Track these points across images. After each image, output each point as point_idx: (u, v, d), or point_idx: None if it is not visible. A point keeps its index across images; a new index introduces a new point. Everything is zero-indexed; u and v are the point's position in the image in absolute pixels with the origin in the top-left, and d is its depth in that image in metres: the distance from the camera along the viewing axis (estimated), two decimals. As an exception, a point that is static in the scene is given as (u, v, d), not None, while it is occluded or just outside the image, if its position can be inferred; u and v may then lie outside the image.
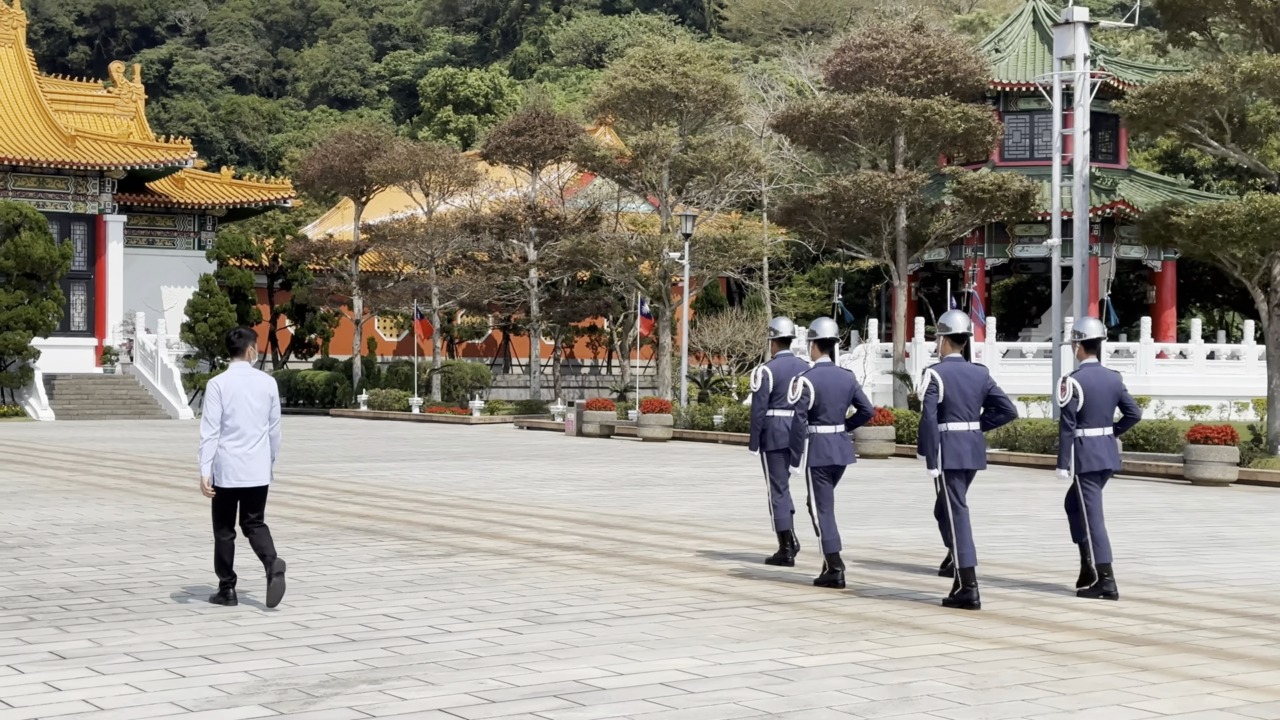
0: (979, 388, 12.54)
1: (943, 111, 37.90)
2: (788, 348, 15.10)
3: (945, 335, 12.74)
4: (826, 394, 13.35)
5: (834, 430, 13.39)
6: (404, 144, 57.36)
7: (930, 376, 12.48)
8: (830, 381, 13.43)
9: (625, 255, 46.13)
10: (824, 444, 13.33)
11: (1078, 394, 12.94)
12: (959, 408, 12.42)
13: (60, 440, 38.39)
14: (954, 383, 12.46)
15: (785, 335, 14.98)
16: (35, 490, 22.88)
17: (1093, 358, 13.24)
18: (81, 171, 62.82)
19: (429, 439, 40.47)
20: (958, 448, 12.41)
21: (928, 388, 12.45)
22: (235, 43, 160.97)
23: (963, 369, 12.56)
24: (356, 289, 60.27)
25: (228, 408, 12.06)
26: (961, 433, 12.46)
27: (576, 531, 17.73)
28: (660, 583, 13.67)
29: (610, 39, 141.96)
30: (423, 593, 12.97)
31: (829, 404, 13.34)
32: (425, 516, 19.35)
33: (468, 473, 27.51)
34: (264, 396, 12.23)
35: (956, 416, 12.42)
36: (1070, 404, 12.99)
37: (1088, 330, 13.24)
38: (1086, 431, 12.95)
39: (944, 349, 12.77)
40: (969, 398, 12.46)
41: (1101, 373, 13.14)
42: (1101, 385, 13.03)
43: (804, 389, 13.31)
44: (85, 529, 17.71)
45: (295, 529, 17.78)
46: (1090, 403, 12.96)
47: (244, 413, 12.09)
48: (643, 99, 46.42)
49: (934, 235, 39.89)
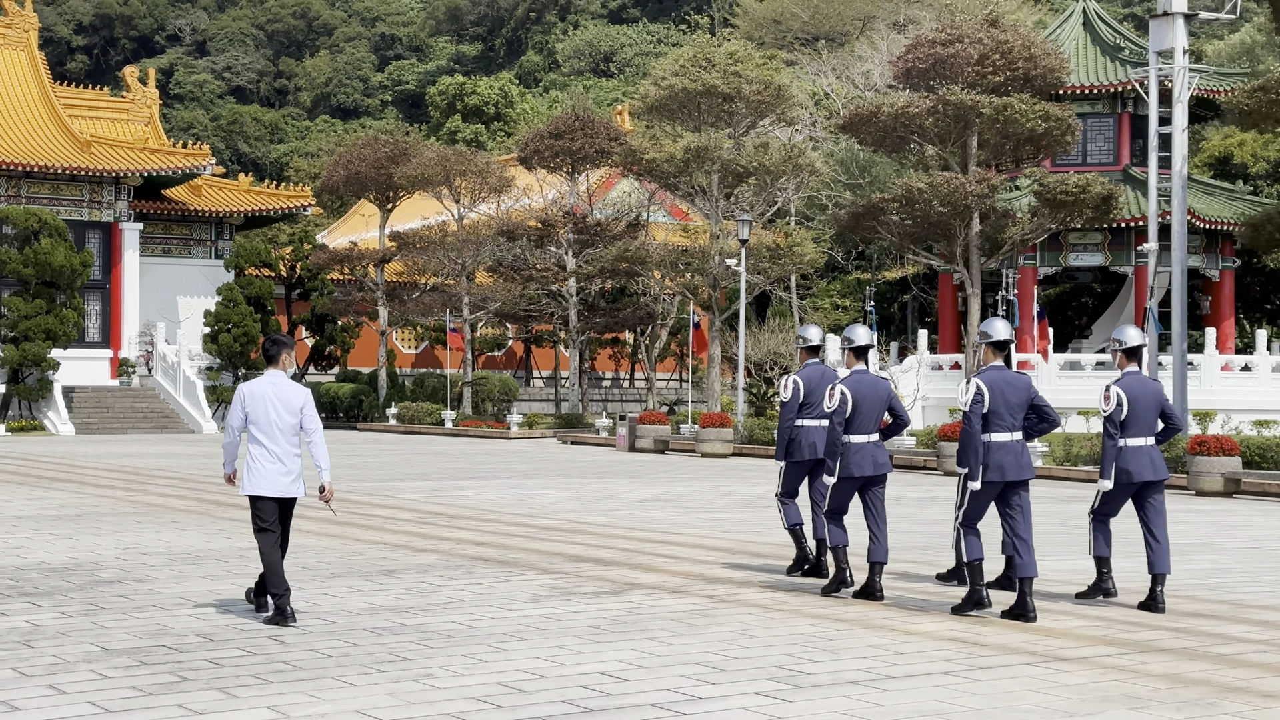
0: (1023, 396, 12.28)
1: (1023, 110, 35.96)
2: (817, 356, 14.74)
3: (987, 343, 12.48)
4: (864, 402, 13.03)
5: (868, 440, 13.09)
6: (434, 148, 55.44)
7: (975, 386, 12.18)
8: (867, 390, 13.10)
9: (675, 263, 44.17)
10: (859, 453, 13.03)
11: (1122, 403, 12.69)
12: (1004, 417, 12.16)
13: (94, 456, 36.36)
14: (999, 392, 12.17)
15: (815, 344, 14.64)
16: (101, 513, 20.90)
17: (1134, 366, 13.00)
18: (97, 178, 60.79)
19: (478, 455, 38.51)
20: (1001, 460, 12.12)
21: (973, 398, 12.14)
22: (236, 52, 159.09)
23: (1007, 377, 12.28)
24: (383, 299, 58.27)
25: (251, 414, 11.70)
26: (1005, 443, 12.17)
27: (732, 562, 15.79)
28: (894, 629, 11.73)
29: (618, 48, 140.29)
30: (624, 643, 11.03)
31: (865, 412, 13.04)
32: (548, 544, 17.40)
33: (551, 492, 25.55)
34: (291, 408, 11.76)
35: (1001, 426, 12.16)
36: (1114, 413, 12.72)
37: (1128, 338, 13.04)
38: (1129, 441, 12.69)
39: (986, 357, 12.52)
40: (1013, 407, 12.21)
41: (1145, 381, 12.87)
42: (1145, 394, 12.78)
43: (841, 397, 12.98)
44: (180, 559, 15.75)
45: (417, 559, 15.83)
46: (1134, 412, 12.69)
47: (269, 422, 11.68)
48: (692, 100, 44.50)
49: (1010, 240, 37.93)
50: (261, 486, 11.68)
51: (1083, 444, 32.42)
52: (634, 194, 70.80)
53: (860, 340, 13.37)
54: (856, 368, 13.32)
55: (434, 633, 11.37)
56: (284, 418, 11.72)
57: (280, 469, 11.70)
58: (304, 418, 11.79)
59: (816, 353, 14.71)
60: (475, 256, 53.53)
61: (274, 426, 11.70)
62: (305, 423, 11.80)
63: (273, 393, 11.73)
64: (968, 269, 37.74)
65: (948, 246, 37.95)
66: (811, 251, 44.88)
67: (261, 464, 11.68)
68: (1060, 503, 24.38)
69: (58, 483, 26.91)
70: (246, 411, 11.73)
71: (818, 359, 14.70)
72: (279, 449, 11.70)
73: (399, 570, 14.92)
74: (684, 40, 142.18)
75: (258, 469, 11.68)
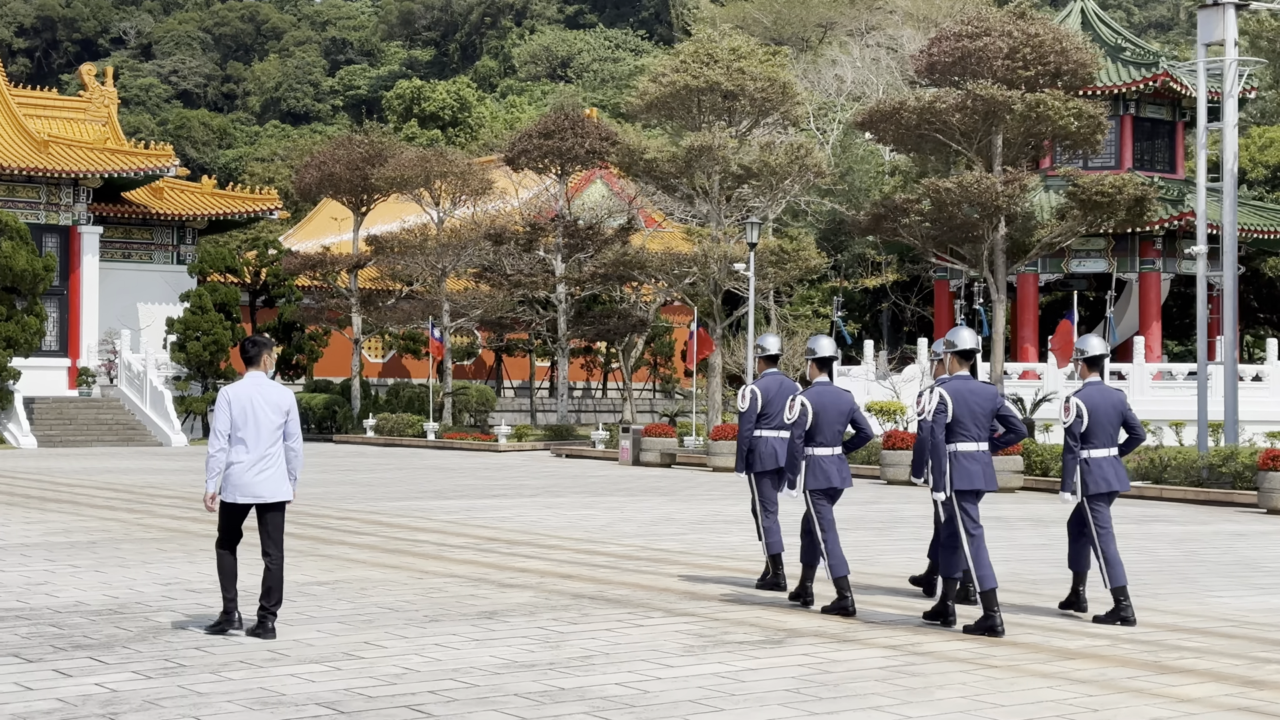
0: (988, 406, 12.06)
1: (1056, 107, 34.16)
2: (775, 365, 14.51)
3: (953, 352, 12.20)
4: (824, 414, 12.78)
5: (831, 452, 12.85)
6: (414, 149, 53.21)
7: (939, 395, 11.95)
8: (829, 401, 12.84)
9: (674, 268, 42.15)
10: (822, 466, 12.74)
11: (1081, 414, 12.41)
12: (968, 427, 11.93)
13: (71, 472, 33.96)
14: (963, 401, 11.96)
15: (773, 353, 14.44)
16: (116, 539, 18.67)
17: (1096, 376, 12.70)
18: (55, 179, 58.17)
19: (477, 469, 36.37)
20: (969, 468, 11.88)
21: (936, 407, 11.93)
22: (183, 55, 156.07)
23: (972, 387, 12.06)
24: (357, 306, 55.96)
25: (237, 418, 11.21)
26: (971, 453, 11.95)
27: (872, 599, 13.77)
28: (1141, 692, 9.78)
29: (575, 54, 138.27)
30: (848, 714, 9.03)
31: (826, 425, 12.80)
32: (646, 577, 15.35)
33: (594, 512, 23.48)
34: (277, 409, 11.31)
35: (965, 436, 11.93)
36: (1074, 424, 12.42)
37: (1090, 348, 12.72)
38: (1092, 452, 12.39)
39: (951, 366, 12.24)
40: (978, 417, 11.98)
41: (1106, 391, 12.60)
42: (1106, 404, 12.50)
43: (802, 408, 12.71)
44: (240, 596, 13.59)
45: (510, 596, 13.75)
46: (1095, 422, 12.41)
47: (254, 425, 11.22)
48: (692, 98, 42.52)
49: (1039, 243, 36.11)
50: (242, 493, 11.19)
51: (1175, 458, 30.46)
52: (607, 199, 68.86)
53: (823, 352, 13.08)
54: (819, 379, 13.06)
55: (604, 699, 9.34)
56: (270, 419, 11.26)
57: (265, 474, 11.25)
58: (289, 421, 11.38)
59: (775, 362, 14.48)
60: (456, 261, 51.32)
61: (260, 429, 11.22)
62: (289, 427, 11.39)
63: (257, 394, 11.27)
64: (993, 274, 35.87)
65: (972, 250, 36.09)
66: (815, 257, 42.93)
67: (244, 469, 11.19)
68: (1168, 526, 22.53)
69: (49, 503, 24.60)
70: (232, 415, 11.22)
71: (776, 368, 14.45)
72: (264, 452, 11.24)
73: (500, 611, 12.86)
74: (642, 47, 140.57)
75: (239, 475, 11.19)
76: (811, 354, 13.18)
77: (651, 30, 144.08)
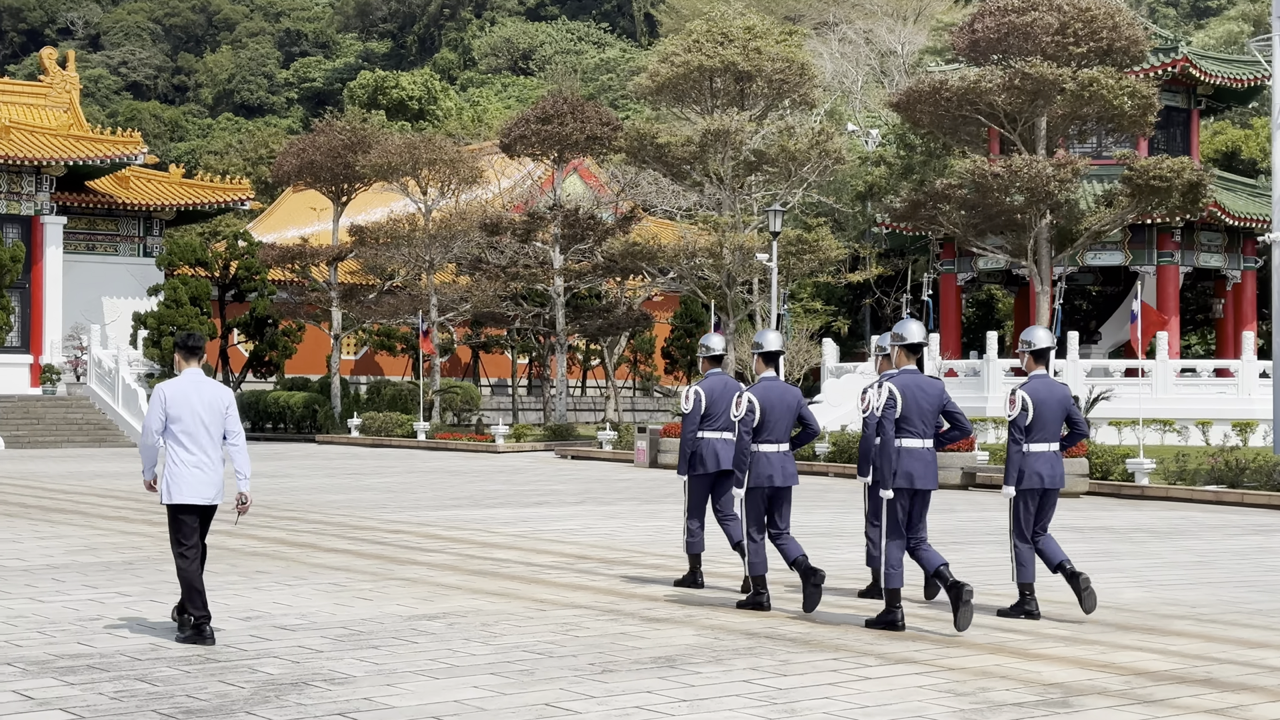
0: (936, 403, 11.83)
1: (1110, 85, 32.04)
2: (719, 365, 14.07)
3: (901, 345, 11.94)
4: (772, 411, 12.43)
5: (777, 449, 12.47)
6: (400, 136, 50.71)
7: (888, 390, 11.67)
8: (775, 398, 12.50)
9: (690, 258, 39.85)
10: (765, 463, 12.39)
11: (1027, 407, 12.19)
12: (914, 423, 11.69)
13: (57, 477, 31.35)
14: (911, 397, 11.70)
15: (718, 353, 14.05)
16: (152, 559, 16.22)
17: (1041, 369, 12.47)
18: (16, 167, 55.37)
19: (485, 472, 33.99)
20: (910, 467, 11.63)
21: (886, 402, 11.65)
22: (132, 46, 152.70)
23: (919, 382, 11.81)
24: (337, 300, 53.39)
25: (173, 415, 10.76)
26: (916, 450, 11.70)
27: (1080, 634, 11.59)
28: None
29: (537, 46, 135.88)
30: None
31: (774, 421, 12.43)
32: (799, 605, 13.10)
33: (661, 522, 21.14)
34: (215, 409, 10.85)
35: (912, 432, 11.70)
36: (1019, 418, 12.21)
37: (1037, 340, 12.50)
38: (1032, 446, 12.18)
39: (898, 360, 11.94)
40: (925, 413, 11.75)
41: (1052, 385, 12.39)
42: (1052, 399, 12.28)
43: (749, 405, 12.35)
44: (340, 636, 11.24)
45: (670, 636, 11.44)
46: (1039, 417, 12.21)
47: (191, 423, 10.76)
48: (704, 79, 40.25)
49: (1087, 231, 33.99)
50: (187, 494, 10.70)
51: (1202, 459, 28.71)
52: (584, 193, 66.66)
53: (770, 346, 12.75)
54: (765, 374, 12.65)
55: None
56: (207, 419, 10.78)
57: (205, 475, 10.79)
58: (228, 419, 10.90)
59: (719, 362, 14.09)
60: (446, 253, 48.84)
61: (199, 428, 10.77)
62: (229, 424, 10.91)
63: (195, 393, 10.78)
64: (1037, 264, 33.73)
65: (1015, 239, 33.93)
66: (835, 248, 40.72)
67: (185, 469, 10.72)
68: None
69: (52, 513, 22.08)
70: (167, 412, 10.75)
71: (720, 368, 14.02)
72: (203, 453, 10.79)
73: (677, 658, 10.57)
74: (605, 40, 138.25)
75: (181, 475, 10.73)
76: (758, 348, 12.84)
77: (614, 23, 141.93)
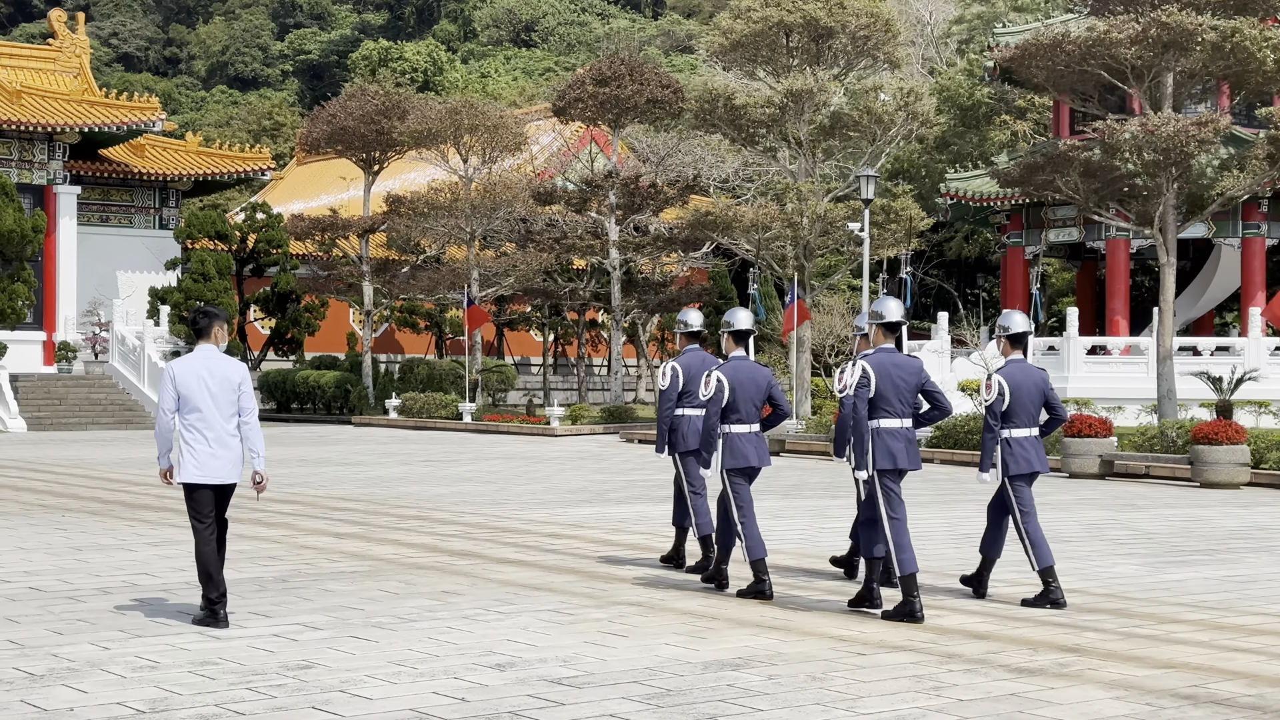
0: (913, 381, 11.56)
1: (1254, 36, 29.44)
2: (697, 341, 13.85)
3: (879, 324, 11.64)
4: (741, 390, 12.29)
5: (749, 430, 12.34)
6: (441, 100, 47.96)
7: (861, 369, 11.42)
8: (745, 377, 12.35)
9: (767, 228, 37.21)
10: (739, 444, 12.22)
11: (1004, 392, 12.09)
12: (891, 403, 11.42)
13: (101, 464, 28.61)
14: (887, 375, 11.45)
15: (696, 329, 13.80)
16: (296, 572, 13.58)
17: (1018, 354, 12.37)
18: (28, 134, 52.54)
19: (566, 459, 31.37)
20: (891, 446, 11.36)
21: (858, 381, 11.37)
22: (123, 18, 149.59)
23: (896, 360, 11.56)
24: (369, 274, 50.65)
25: (184, 394, 10.50)
26: (894, 430, 11.45)
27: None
28: None
29: (540, 17, 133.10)
30: None
31: (743, 401, 12.27)
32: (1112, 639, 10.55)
33: (817, 520, 18.60)
34: (227, 385, 10.56)
35: (889, 412, 11.42)
36: (995, 403, 12.09)
37: (1013, 324, 12.40)
38: (1013, 432, 12.05)
39: (876, 338, 11.72)
40: (902, 392, 11.47)
41: (1028, 370, 12.25)
42: (1028, 383, 12.17)
43: (717, 384, 12.25)
44: (647, 692, 8.64)
45: (1056, 690, 8.85)
46: (1017, 401, 12.09)
47: (203, 401, 10.49)
48: (780, 36, 37.57)
49: (1220, 196, 31.39)
50: (201, 473, 10.51)
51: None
52: (603, 164, 63.99)
53: (740, 325, 12.61)
54: (736, 353, 12.46)
55: None
56: (221, 396, 10.56)
57: (219, 453, 10.54)
58: (242, 395, 10.65)
59: (697, 338, 13.85)
60: (489, 223, 46.11)
61: (211, 407, 10.54)
62: (243, 401, 10.67)
63: (206, 370, 10.55)
64: (1162, 233, 31.16)
65: (1140, 207, 31.39)
66: (919, 215, 38.15)
67: (198, 448, 10.51)
68: None
69: (113, 505, 19.33)
70: (179, 392, 10.55)
71: (697, 345, 13.83)
72: (216, 431, 10.55)
73: None
74: (609, 11, 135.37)
75: (195, 454, 10.51)
76: (728, 326, 12.65)
77: None
